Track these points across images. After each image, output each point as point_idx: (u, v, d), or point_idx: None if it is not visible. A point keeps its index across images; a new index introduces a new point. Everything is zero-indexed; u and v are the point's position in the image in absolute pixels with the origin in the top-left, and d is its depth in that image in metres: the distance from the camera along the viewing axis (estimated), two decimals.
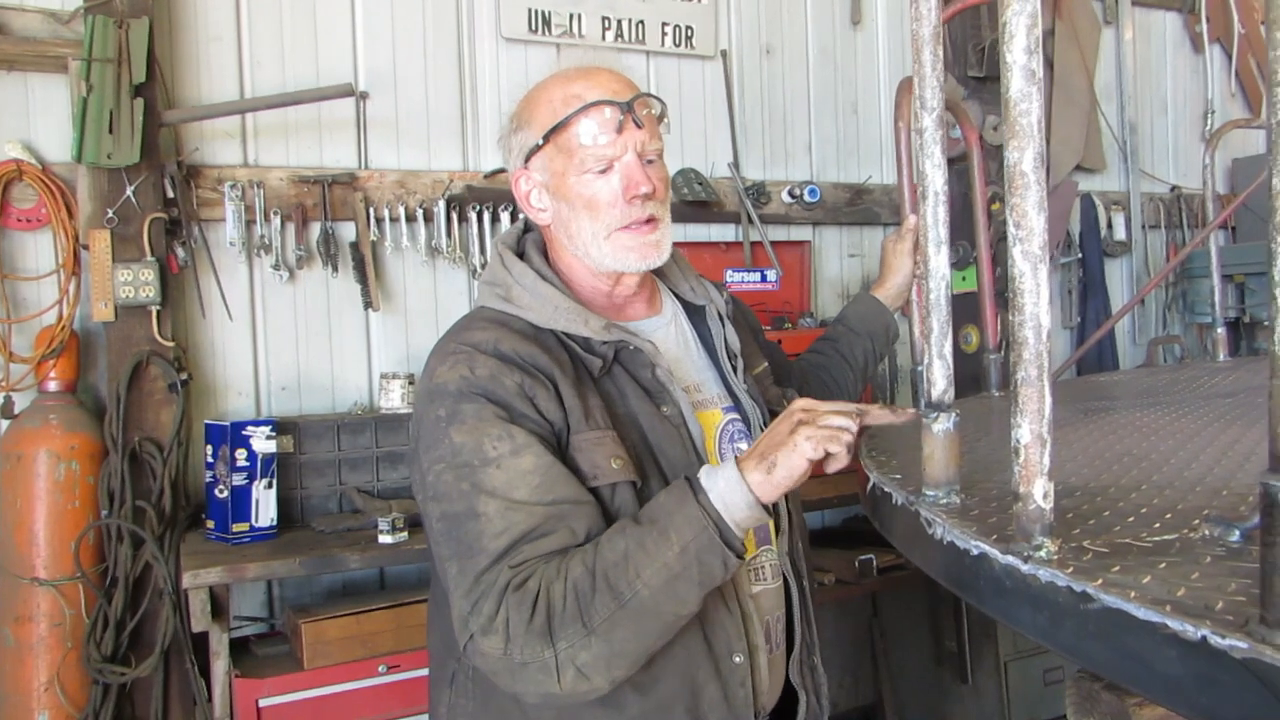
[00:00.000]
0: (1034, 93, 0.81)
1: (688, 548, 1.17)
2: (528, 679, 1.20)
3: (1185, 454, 1.28)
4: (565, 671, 1.18)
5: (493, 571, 1.22)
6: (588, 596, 1.18)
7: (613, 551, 1.20)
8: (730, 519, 1.19)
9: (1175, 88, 4.89)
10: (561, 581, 1.19)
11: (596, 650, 1.18)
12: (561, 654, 1.18)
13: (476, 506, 1.24)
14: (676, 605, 1.20)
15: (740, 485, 1.19)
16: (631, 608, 1.17)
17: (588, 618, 1.17)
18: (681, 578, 1.18)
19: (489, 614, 1.20)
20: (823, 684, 1.52)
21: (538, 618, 1.18)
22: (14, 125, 2.78)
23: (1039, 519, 0.83)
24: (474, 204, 3.23)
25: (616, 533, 1.22)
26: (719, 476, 1.21)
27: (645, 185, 1.38)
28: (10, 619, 2.57)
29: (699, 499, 1.19)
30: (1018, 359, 0.83)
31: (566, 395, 1.32)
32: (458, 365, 1.32)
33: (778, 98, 3.87)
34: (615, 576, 1.18)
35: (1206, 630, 0.65)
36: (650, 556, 1.18)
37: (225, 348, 3.00)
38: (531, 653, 1.18)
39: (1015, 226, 0.82)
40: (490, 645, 1.20)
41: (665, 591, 1.18)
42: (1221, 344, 2.59)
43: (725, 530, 1.18)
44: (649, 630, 1.20)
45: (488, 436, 1.26)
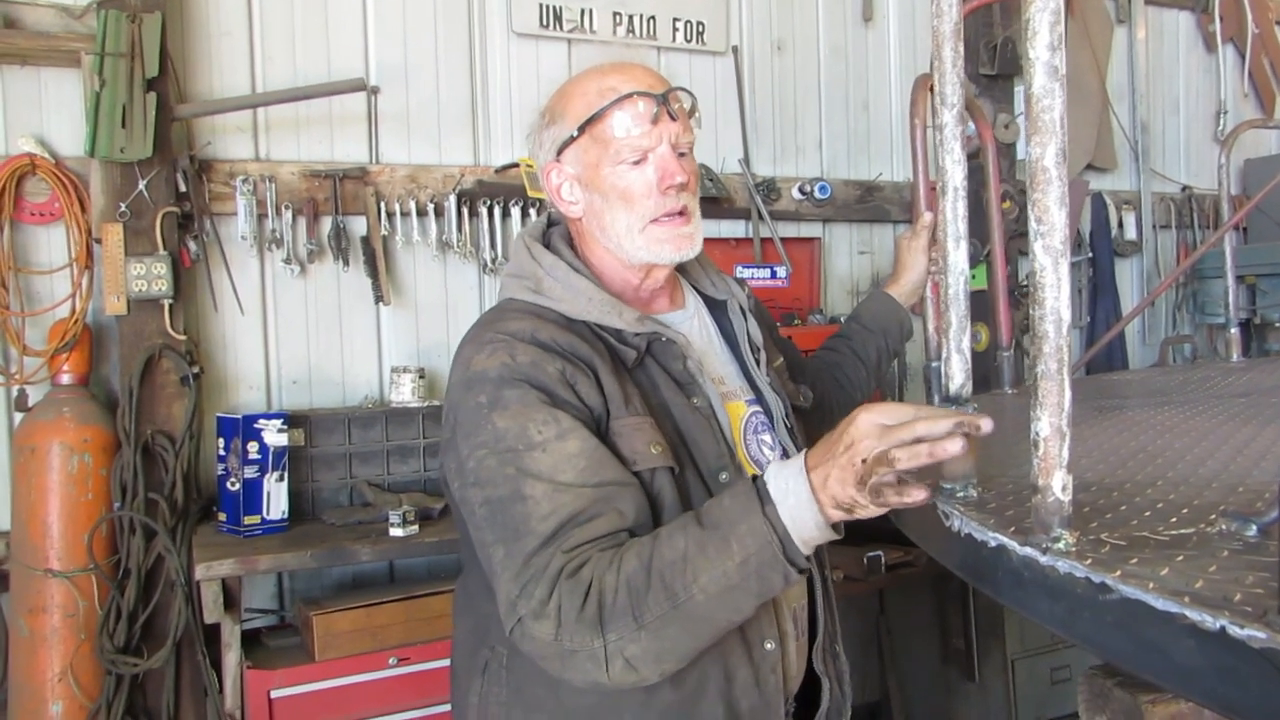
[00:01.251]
0: (1056, 89, 0.82)
1: (749, 560, 1.14)
2: (576, 666, 1.20)
3: (1200, 451, 1.28)
4: (614, 662, 1.18)
5: (543, 555, 1.21)
6: (641, 592, 1.16)
7: (672, 550, 1.18)
8: (798, 536, 1.14)
9: (1187, 87, 4.88)
10: (615, 573, 1.18)
11: (646, 645, 1.17)
12: (611, 645, 1.17)
13: (523, 489, 1.24)
14: (731, 613, 1.19)
15: (812, 505, 1.12)
16: (685, 610, 1.16)
17: (639, 613, 1.16)
18: (739, 589, 1.16)
19: (541, 599, 1.19)
20: (845, 671, 1.53)
21: (589, 607, 1.17)
22: (27, 119, 2.80)
23: (1058, 511, 0.83)
24: (485, 199, 3.23)
25: (678, 530, 1.20)
26: (789, 493, 1.14)
27: (680, 175, 1.38)
28: (24, 610, 2.58)
29: (765, 511, 1.15)
30: (1038, 353, 0.84)
31: (606, 382, 1.32)
32: (497, 353, 1.32)
33: (789, 94, 3.87)
34: (671, 577, 1.16)
35: (1225, 620, 0.65)
36: (710, 563, 1.15)
37: (237, 341, 3.02)
38: (581, 641, 1.18)
39: (1037, 221, 0.82)
40: (541, 630, 1.19)
41: (721, 600, 1.16)
42: (1235, 345, 2.58)
43: (790, 547, 1.14)
44: (700, 633, 1.19)
45: (532, 421, 1.26)
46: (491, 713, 1.42)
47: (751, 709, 1.37)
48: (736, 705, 1.36)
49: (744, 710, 1.36)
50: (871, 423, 1.06)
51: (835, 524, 1.14)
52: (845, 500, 1.09)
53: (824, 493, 1.11)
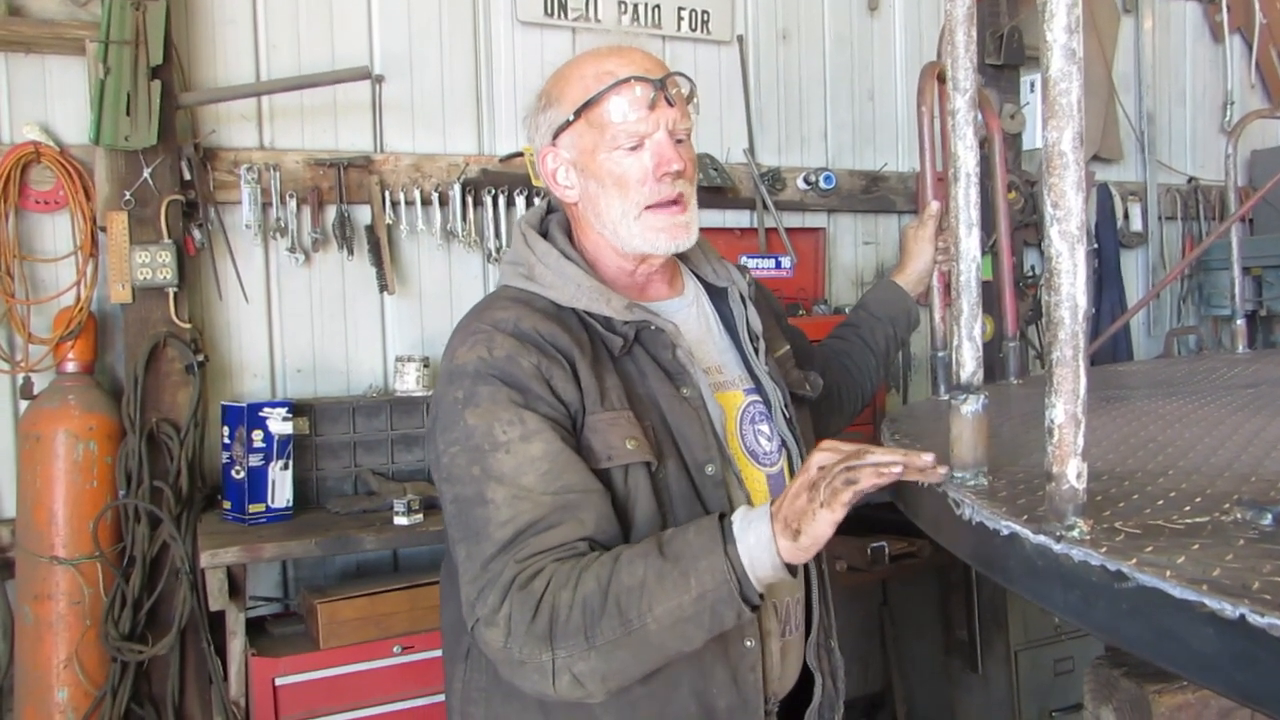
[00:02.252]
0: (1074, 72, 0.81)
1: (704, 596, 1.17)
2: (523, 676, 1.23)
3: (1210, 441, 1.28)
4: (561, 677, 1.20)
5: (498, 561, 1.23)
6: (595, 614, 1.18)
7: (630, 577, 1.19)
8: (754, 575, 1.17)
9: (1194, 78, 4.85)
10: (570, 591, 1.20)
11: (594, 664, 1.19)
12: (559, 660, 1.19)
13: (485, 493, 1.26)
14: (680, 643, 1.20)
15: (770, 547, 1.16)
16: (637, 636, 1.18)
17: (591, 634, 1.18)
18: (692, 622, 1.18)
19: (493, 606, 1.22)
20: (839, 667, 1.52)
21: (539, 621, 1.20)
22: (32, 107, 2.79)
23: (1072, 499, 0.83)
24: (489, 188, 3.23)
25: (639, 556, 1.21)
26: (750, 530, 1.18)
27: (676, 163, 1.38)
28: (30, 597, 2.59)
29: (727, 550, 1.17)
30: (1052, 339, 0.83)
31: (583, 375, 1.32)
32: (476, 346, 1.33)
33: (794, 84, 3.86)
34: (627, 603, 1.18)
35: (1245, 608, 0.65)
36: (666, 594, 1.17)
37: (241, 330, 3.01)
38: (529, 653, 1.20)
39: (1053, 206, 0.82)
40: (491, 637, 1.23)
41: (673, 631, 1.18)
42: (1240, 336, 2.58)
43: (745, 585, 1.17)
44: (648, 659, 1.22)
45: (499, 420, 1.27)
46: (473, 698, 1.43)
47: (729, 708, 1.36)
48: (712, 703, 1.35)
49: (720, 708, 1.36)
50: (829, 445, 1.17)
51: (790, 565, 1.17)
52: (794, 515, 1.14)
53: (780, 520, 1.15)
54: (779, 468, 1.49)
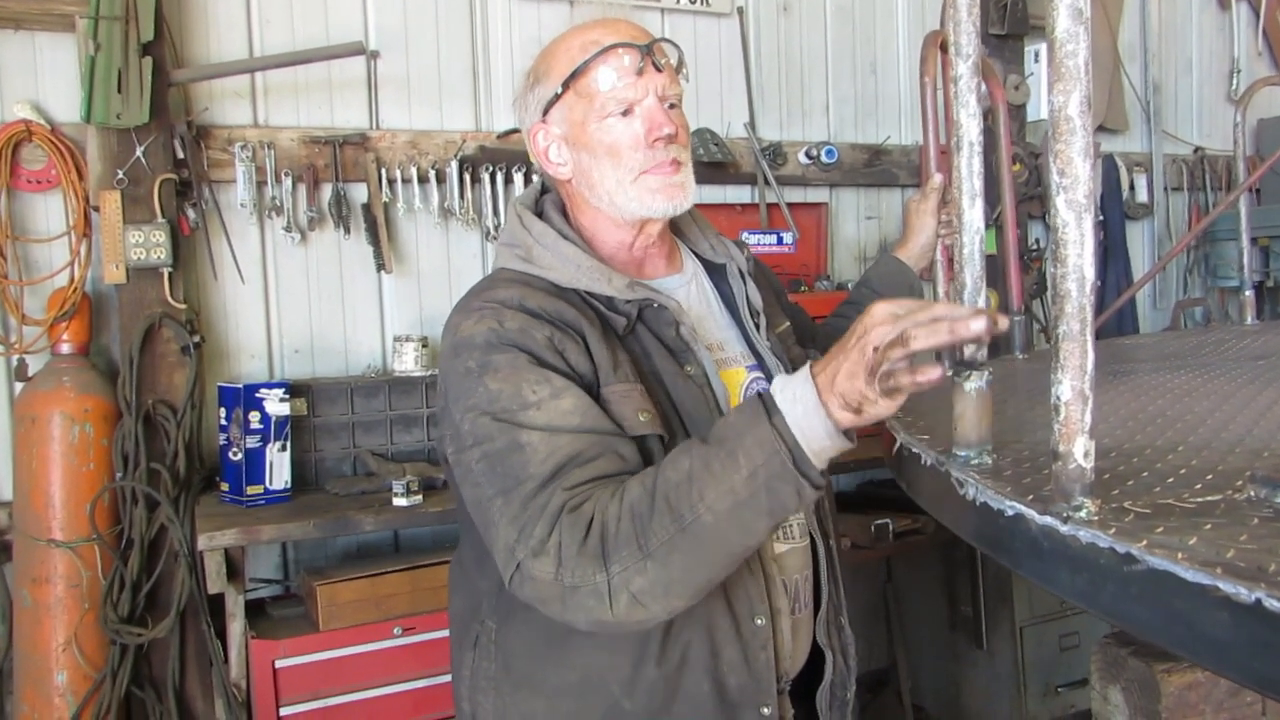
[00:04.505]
0: (1081, 33, 0.77)
1: (756, 473, 1.08)
2: (578, 604, 1.15)
3: (1220, 415, 1.25)
4: (618, 597, 1.13)
5: (543, 494, 1.18)
6: (645, 518, 1.12)
7: (676, 471, 1.12)
8: (807, 446, 1.08)
9: (1200, 46, 4.79)
10: (617, 503, 1.15)
11: (653, 576, 1.12)
12: (615, 578, 1.12)
13: (519, 439, 1.21)
14: (743, 535, 1.12)
15: (819, 414, 1.07)
16: (692, 532, 1.10)
17: (644, 540, 1.11)
18: (749, 505, 1.09)
19: (540, 537, 1.16)
20: (850, 644, 1.50)
21: (591, 539, 1.13)
22: (22, 85, 2.75)
23: (1079, 478, 0.80)
24: (487, 165, 3.19)
25: (682, 451, 1.15)
26: (797, 402, 1.09)
27: (668, 127, 1.35)
28: (28, 580, 2.58)
29: (773, 421, 1.09)
30: (1059, 313, 0.80)
31: (595, 349, 1.30)
32: (485, 319, 1.30)
33: (795, 56, 3.80)
34: (676, 498, 1.11)
35: (1261, 593, 0.62)
36: (716, 479, 1.10)
37: (237, 310, 2.99)
38: (583, 575, 1.13)
39: (1059, 174, 0.78)
40: (540, 569, 1.15)
41: (730, 519, 1.10)
42: (1249, 307, 2.54)
43: (799, 457, 1.08)
44: (711, 559, 1.13)
45: (525, 382, 1.24)
46: (481, 687, 1.41)
47: (740, 686, 1.34)
48: (724, 681, 1.34)
49: (732, 687, 1.34)
50: (885, 311, 1.03)
51: (847, 431, 1.08)
52: (854, 397, 1.04)
53: (832, 393, 1.06)
54: None
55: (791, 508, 1.12)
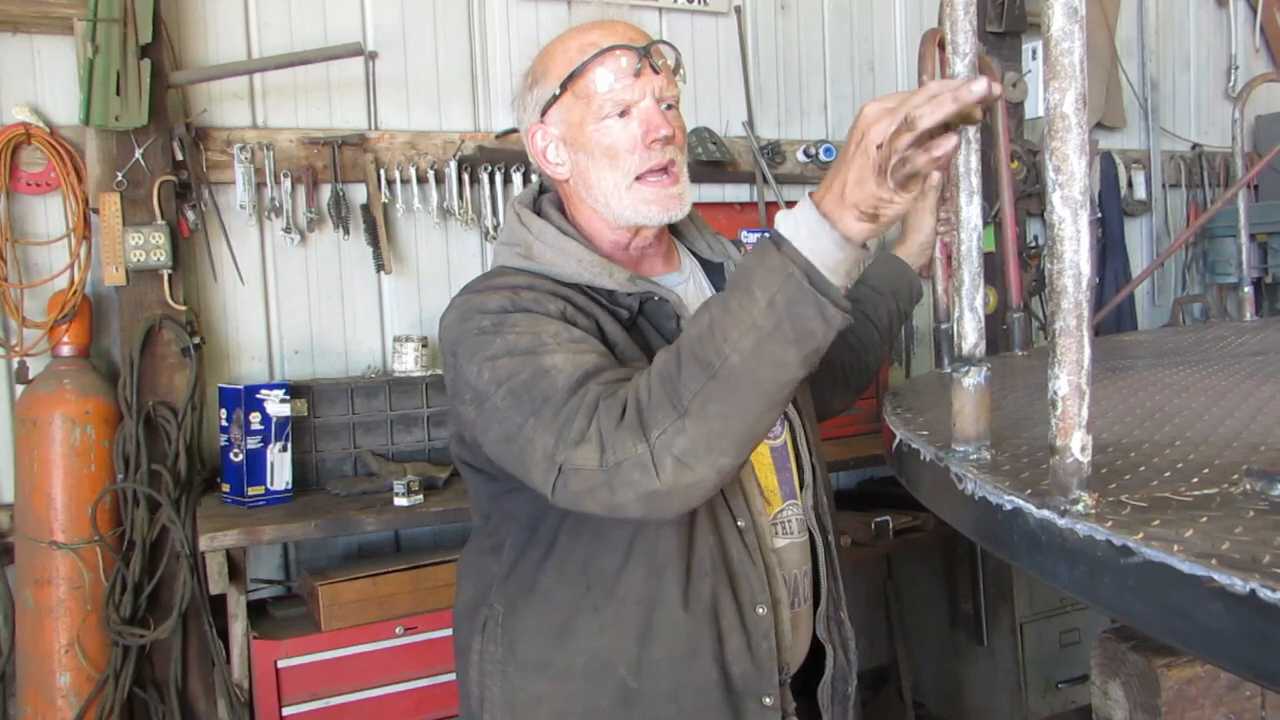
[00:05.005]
0: (1076, 30, 0.78)
1: (774, 300, 1.05)
2: (624, 481, 1.12)
3: (1218, 410, 1.25)
4: (663, 463, 1.11)
5: (576, 396, 1.17)
6: (674, 377, 1.11)
7: (697, 326, 1.12)
8: (821, 263, 1.05)
9: (1198, 43, 4.79)
10: (647, 375, 1.15)
11: (693, 432, 1.10)
12: (657, 445, 1.11)
13: (544, 364, 1.21)
14: (774, 369, 1.09)
15: (824, 226, 1.05)
16: (723, 376, 1.08)
17: (676, 398, 1.10)
18: (773, 336, 1.06)
19: (580, 428, 1.15)
20: (850, 639, 1.51)
21: (628, 414, 1.13)
22: (21, 88, 2.76)
23: (1076, 472, 0.81)
24: (485, 165, 3.19)
25: (700, 309, 1.14)
26: (800, 225, 1.07)
27: (665, 128, 1.36)
28: (30, 582, 2.58)
29: (781, 249, 1.07)
30: (1055, 309, 0.81)
31: (610, 331, 1.32)
32: (498, 292, 1.31)
33: (793, 55, 3.81)
34: (702, 349, 1.09)
35: (1256, 583, 0.63)
36: (735, 318, 1.08)
37: (237, 311, 2.99)
38: (624, 450, 1.12)
39: (1055, 171, 0.79)
40: (583, 457, 1.14)
41: (758, 354, 1.07)
42: (1248, 303, 2.55)
43: (815, 275, 1.05)
44: (748, 403, 1.10)
45: (544, 331, 1.25)
46: (489, 671, 1.42)
47: (744, 675, 1.36)
48: (729, 669, 1.35)
49: (736, 675, 1.35)
50: (877, 108, 1.00)
51: (863, 243, 1.06)
52: (869, 202, 1.02)
53: (843, 208, 1.04)
54: (782, 440, 1.49)
55: (819, 333, 1.08)
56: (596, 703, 1.36)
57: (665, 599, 1.33)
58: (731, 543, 1.36)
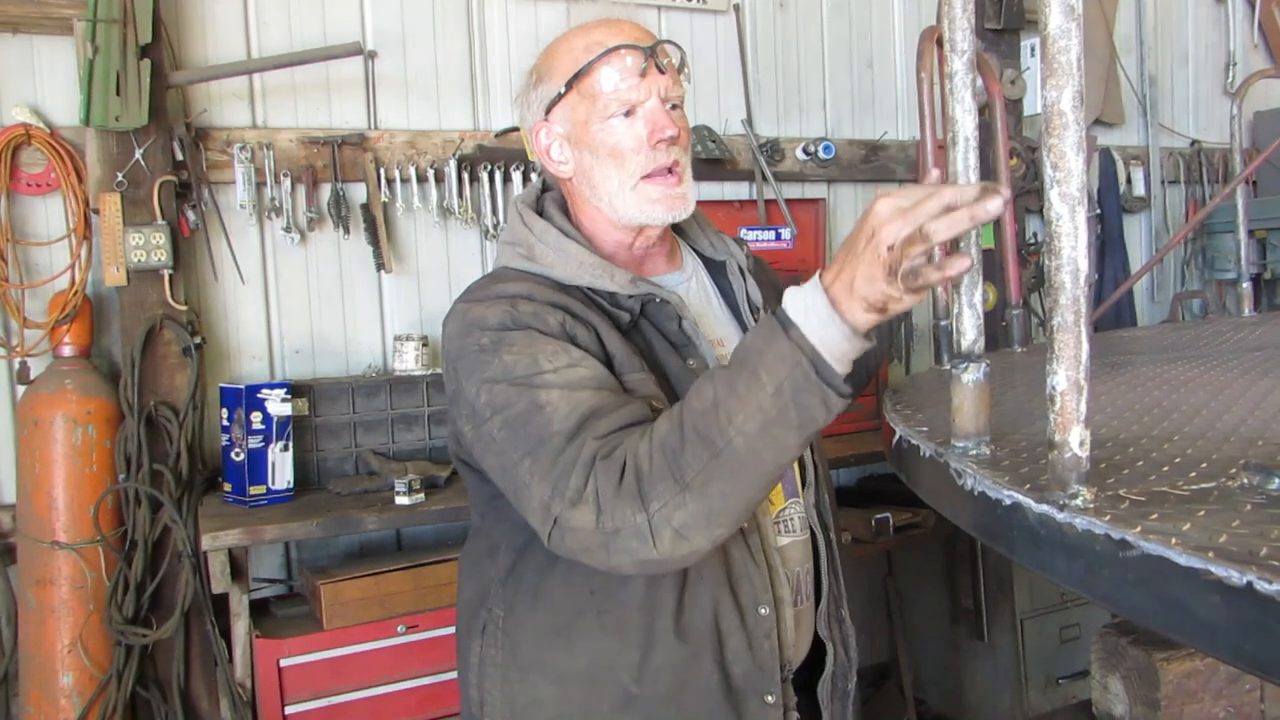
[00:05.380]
0: (1073, 29, 0.78)
1: (782, 388, 1.07)
2: (621, 548, 1.14)
3: (1217, 405, 1.26)
4: (661, 534, 1.13)
5: (573, 447, 1.18)
6: (677, 451, 1.11)
7: (700, 401, 1.12)
8: (829, 353, 1.07)
9: (1196, 39, 4.80)
10: (647, 441, 1.15)
11: (693, 508, 1.11)
12: (656, 516, 1.12)
13: (539, 399, 1.22)
14: (776, 452, 1.11)
15: (834, 318, 1.06)
16: (726, 457, 1.10)
17: (679, 473, 1.11)
18: (778, 422, 1.08)
19: (576, 487, 1.16)
20: (850, 636, 1.51)
21: (627, 480, 1.13)
22: (21, 88, 2.76)
23: (1075, 467, 0.81)
24: (485, 163, 3.20)
25: (705, 380, 1.15)
26: (810, 312, 1.08)
27: (670, 129, 1.36)
28: (32, 582, 2.59)
29: (790, 335, 1.08)
30: (1053, 304, 0.81)
31: (608, 339, 1.32)
32: (497, 305, 1.31)
33: (792, 53, 3.81)
34: (706, 426, 1.10)
35: (1252, 575, 0.63)
36: (742, 401, 1.09)
37: (238, 311, 3.00)
38: (623, 518, 1.13)
39: (1053, 168, 0.80)
40: (580, 519, 1.15)
41: (762, 438, 1.09)
42: (1246, 299, 2.55)
43: (821, 366, 1.07)
44: (749, 482, 1.12)
45: (542, 353, 1.25)
46: (489, 674, 1.42)
47: (745, 675, 1.36)
48: (730, 670, 1.35)
49: (738, 675, 1.36)
50: (888, 206, 1.01)
51: (866, 333, 1.08)
52: (877, 299, 1.03)
53: (851, 300, 1.05)
54: None
55: (820, 419, 1.10)
56: (596, 706, 1.36)
57: (666, 604, 1.33)
58: (733, 544, 1.36)
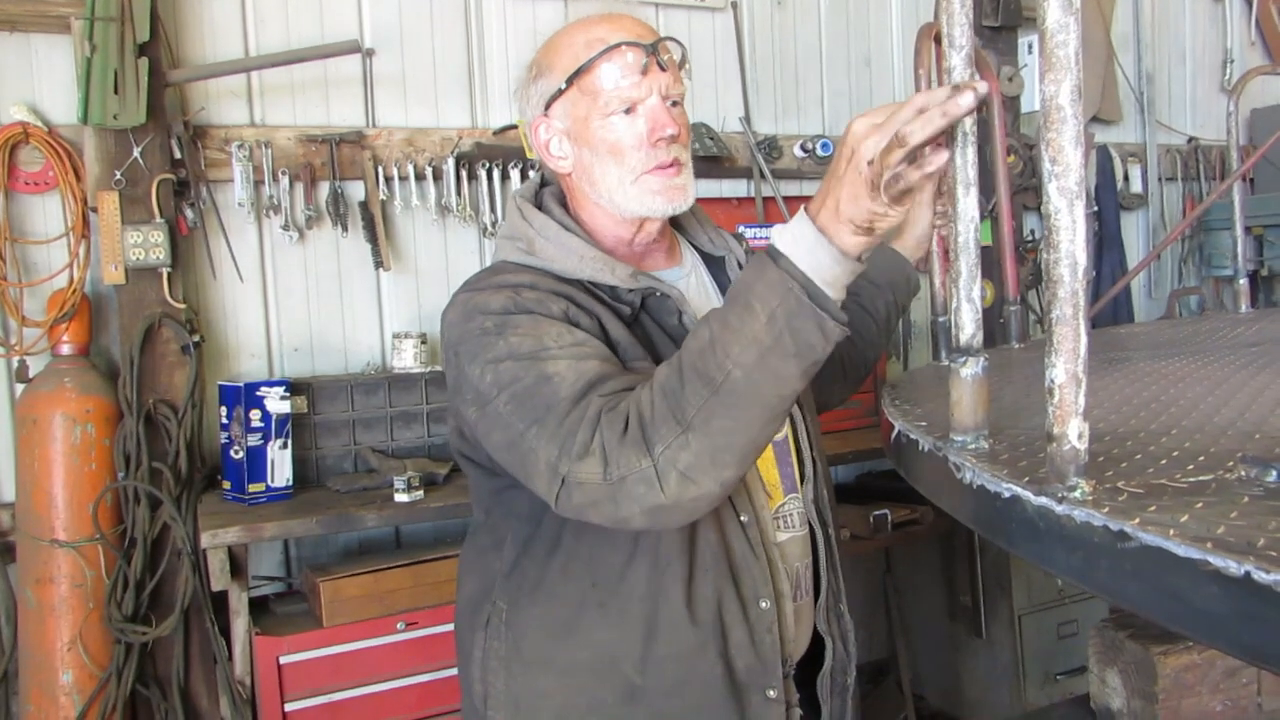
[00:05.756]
0: (1071, 23, 0.79)
1: (775, 315, 1.07)
2: (628, 495, 1.14)
3: (1213, 400, 1.26)
4: (667, 477, 1.12)
5: (579, 407, 1.18)
6: (677, 392, 1.11)
7: (697, 341, 1.13)
8: (820, 278, 1.07)
9: (1194, 36, 4.80)
10: (649, 389, 1.15)
11: (697, 447, 1.11)
12: (661, 459, 1.11)
13: (546, 370, 1.22)
14: (776, 384, 1.10)
15: (822, 242, 1.07)
16: (726, 391, 1.09)
17: (680, 413, 1.11)
18: (774, 351, 1.08)
19: (583, 441, 1.16)
20: (849, 631, 1.52)
21: (631, 428, 1.14)
22: (18, 87, 2.76)
23: (1074, 459, 0.82)
24: (483, 161, 3.20)
25: (700, 324, 1.15)
26: (797, 241, 1.08)
27: (671, 127, 1.36)
28: (32, 580, 2.59)
29: (779, 264, 1.08)
30: (1052, 297, 0.81)
31: (612, 328, 1.32)
32: (500, 292, 1.31)
33: (789, 50, 3.82)
34: (703, 364, 1.10)
35: (1250, 565, 0.64)
36: (736, 334, 1.09)
37: (236, 309, 3.00)
38: (628, 464, 1.13)
39: (1051, 162, 0.80)
40: (587, 471, 1.15)
41: (760, 369, 1.08)
42: (1243, 296, 2.55)
43: (814, 291, 1.07)
44: (751, 417, 1.12)
45: (547, 334, 1.25)
46: (492, 667, 1.42)
47: (748, 669, 1.37)
48: (733, 664, 1.36)
49: (740, 669, 1.36)
50: (864, 123, 1.02)
51: (859, 256, 1.08)
52: (863, 217, 1.04)
53: (838, 223, 1.05)
54: (783, 434, 1.50)
55: (818, 346, 1.10)
56: (601, 699, 1.36)
57: (669, 596, 1.33)
58: (734, 537, 1.36)
